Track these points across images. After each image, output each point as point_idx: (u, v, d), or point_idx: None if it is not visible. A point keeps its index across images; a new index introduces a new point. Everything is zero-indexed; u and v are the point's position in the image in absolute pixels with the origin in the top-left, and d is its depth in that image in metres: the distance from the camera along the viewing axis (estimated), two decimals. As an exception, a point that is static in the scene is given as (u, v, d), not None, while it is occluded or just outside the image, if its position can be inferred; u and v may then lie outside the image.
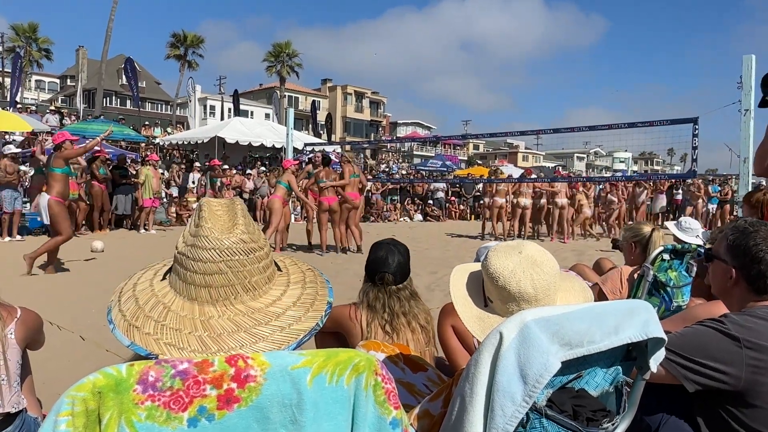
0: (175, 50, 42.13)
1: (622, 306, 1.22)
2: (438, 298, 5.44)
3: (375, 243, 2.22)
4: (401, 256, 2.16)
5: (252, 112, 46.70)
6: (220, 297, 1.02)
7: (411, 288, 2.19)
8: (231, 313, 1.02)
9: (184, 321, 1.01)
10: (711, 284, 1.77)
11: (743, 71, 7.96)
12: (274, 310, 1.04)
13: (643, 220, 3.73)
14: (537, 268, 1.36)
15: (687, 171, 10.63)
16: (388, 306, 2.09)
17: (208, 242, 1.01)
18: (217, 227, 1.03)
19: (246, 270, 1.03)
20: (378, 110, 62.79)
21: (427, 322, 2.16)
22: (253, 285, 1.04)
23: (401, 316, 2.08)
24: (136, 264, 5.19)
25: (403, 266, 2.17)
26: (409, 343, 2.05)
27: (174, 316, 1.02)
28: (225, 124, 21.12)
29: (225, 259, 1.01)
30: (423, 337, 2.11)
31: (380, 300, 2.10)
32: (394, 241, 2.23)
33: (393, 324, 2.06)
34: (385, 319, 2.06)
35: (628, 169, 55.00)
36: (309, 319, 1.04)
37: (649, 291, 2.85)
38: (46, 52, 43.16)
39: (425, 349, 2.11)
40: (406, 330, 2.07)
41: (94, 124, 18.26)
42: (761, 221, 1.70)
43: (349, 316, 2.12)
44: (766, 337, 1.49)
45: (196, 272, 1.02)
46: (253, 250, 1.04)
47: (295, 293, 1.09)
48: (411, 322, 2.09)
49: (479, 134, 27.48)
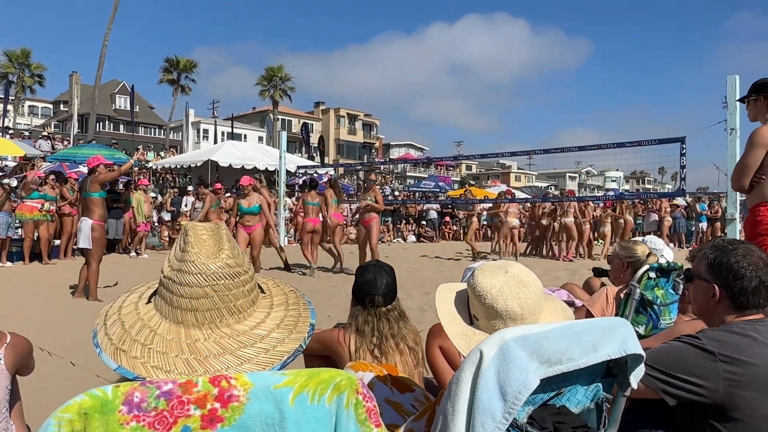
0: (169, 75, 42.40)
1: (601, 324, 1.25)
2: (430, 319, 5.43)
3: (361, 266, 2.24)
4: (389, 277, 2.19)
5: (245, 136, 46.91)
6: (206, 320, 1.04)
7: (399, 308, 2.21)
8: (217, 336, 1.04)
9: (170, 344, 1.02)
10: (692, 304, 1.80)
11: (728, 91, 8.10)
12: (259, 332, 1.06)
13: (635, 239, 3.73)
14: (523, 288, 1.38)
15: (676, 189, 10.74)
16: (377, 329, 2.09)
17: (194, 267, 1.03)
18: (202, 252, 1.05)
19: (231, 294, 1.05)
20: (371, 132, 63.17)
21: (415, 344, 2.16)
22: (238, 308, 1.06)
23: (390, 339, 2.09)
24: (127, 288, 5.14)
25: (392, 287, 2.19)
26: (398, 365, 2.06)
27: (160, 339, 1.03)
28: (218, 148, 21.18)
29: (211, 284, 1.03)
30: (411, 359, 2.12)
31: (369, 323, 2.10)
32: (379, 262, 2.25)
33: (382, 348, 2.07)
34: (373, 344, 2.07)
35: (620, 187, 55.44)
36: (292, 341, 1.06)
37: (636, 309, 2.87)
38: (39, 78, 43.26)
39: (414, 371, 2.12)
40: (394, 353, 2.08)
41: (84, 149, 18.30)
42: (738, 240, 1.75)
43: (338, 340, 2.12)
44: (741, 350, 1.52)
45: (182, 296, 1.04)
46: (238, 274, 1.06)
47: (279, 315, 1.11)
48: (399, 344, 2.10)
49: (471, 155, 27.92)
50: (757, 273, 1.60)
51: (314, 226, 9.45)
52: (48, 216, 10.43)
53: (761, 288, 1.61)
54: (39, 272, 9.17)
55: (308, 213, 9.48)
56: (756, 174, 3.28)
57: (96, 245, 6.61)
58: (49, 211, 10.43)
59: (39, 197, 10.36)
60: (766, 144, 3.21)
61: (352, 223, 17.86)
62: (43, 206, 10.33)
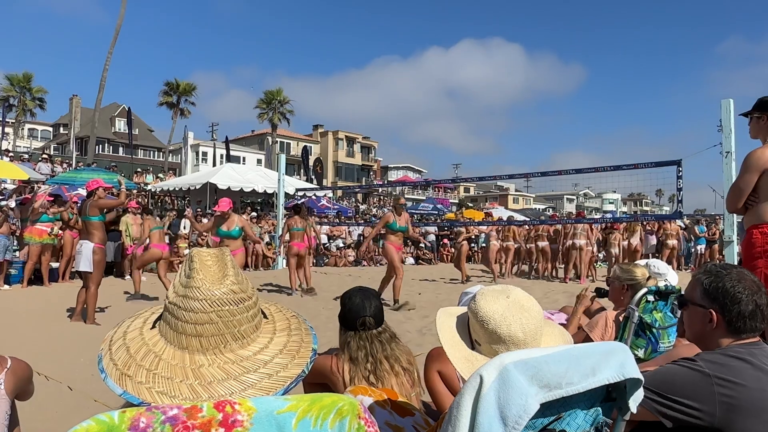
0: (168, 98, 42.71)
1: (599, 348, 1.26)
2: (430, 343, 5.41)
3: (346, 292, 2.26)
4: (376, 300, 2.22)
5: (244, 158, 47.12)
6: (211, 346, 1.06)
7: (390, 330, 2.23)
8: (221, 362, 1.05)
9: (175, 369, 1.03)
10: (687, 330, 1.79)
11: (722, 115, 8.20)
12: (262, 357, 1.07)
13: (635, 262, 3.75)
14: (525, 313, 1.40)
15: (674, 212, 10.79)
16: (371, 354, 2.10)
17: (200, 293, 1.05)
18: (208, 278, 1.07)
19: (236, 319, 1.07)
20: (369, 155, 63.49)
21: (409, 363, 2.17)
22: (242, 333, 1.08)
23: (384, 362, 2.10)
24: (124, 312, 5.16)
25: (380, 308, 2.22)
26: (395, 388, 2.06)
27: (165, 364, 1.05)
28: (217, 170, 21.26)
29: (216, 309, 1.05)
30: (407, 380, 2.12)
31: (363, 349, 2.10)
32: (362, 287, 2.27)
33: (377, 373, 2.07)
34: (368, 370, 2.07)
35: (618, 210, 55.53)
36: (295, 366, 1.07)
37: (635, 332, 2.88)
38: (40, 101, 43.59)
39: (410, 391, 2.12)
40: (390, 376, 2.08)
41: (84, 173, 18.35)
42: (730, 264, 1.77)
43: (331, 369, 2.12)
44: (737, 374, 1.52)
45: (187, 322, 1.06)
46: (243, 299, 1.08)
47: (282, 341, 1.12)
48: (394, 366, 2.11)
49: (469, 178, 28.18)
50: (753, 297, 1.61)
51: (299, 250, 9.90)
52: (56, 240, 10.41)
53: (757, 312, 1.61)
54: (37, 295, 9.13)
55: (294, 238, 9.95)
56: (750, 197, 3.31)
57: (97, 268, 6.62)
58: (57, 235, 10.40)
59: (48, 221, 10.33)
60: (759, 168, 3.24)
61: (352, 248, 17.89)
62: (53, 230, 10.31)
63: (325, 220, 19.64)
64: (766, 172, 3.21)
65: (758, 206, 3.27)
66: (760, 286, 1.65)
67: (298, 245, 9.88)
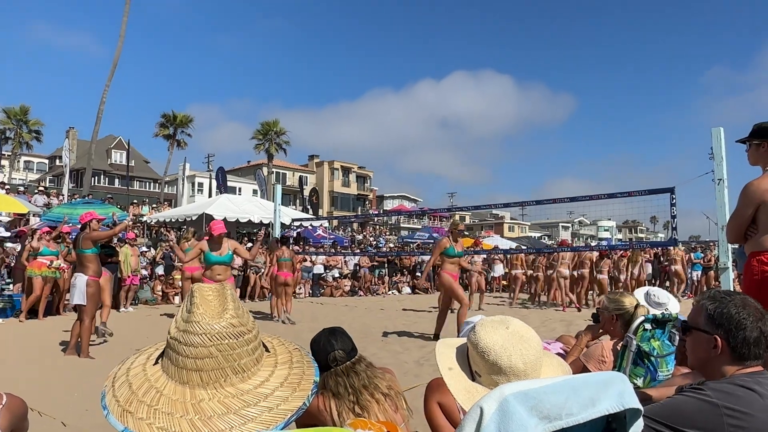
0: (165, 130, 42.99)
1: (598, 378, 1.27)
2: (428, 373, 5.37)
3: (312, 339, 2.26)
4: (342, 334, 2.22)
5: (240, 189, 47.21)
6: (211, 380, 1.06)
7: (365, 360, 2.23)
8: (221, 396, 1.05)
9: (175, 405, 1.04)
10: (690, 356, 1.78)
11: (713, 143, 8.28)
12: (263, 390, 1.08)
13: (625, 291, 3.75)
14: (525, 344, 1.41)
15: (668, 239, 10.82)
16: (350, 386, 2.10)
17: (200, 327, 1.06)
18: (207, 312, 1.08)
19: (235, 353, 1.07)
20: (365, 184, 63.77)
21: (389, 389, 2.16)
22: (243, 367, 1.08)
23: (364, 391, 2.10)
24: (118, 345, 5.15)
25: (348, 341, 2.22)
26: (378, 415, 2.05)
27: (166, 399, 1.05)
28: (213, 201, 21.26)
29: (215, 343, 1.05)
30: (390, 405, 2.11)
31: (341, 383, 2.11)
32: (327, 328, 2.28)
33: (360, 403, 2.07)
34: (352, 401, 2.07)
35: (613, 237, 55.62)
36: (296, 398, 1.08)
37: (633, 361, 2.87)
38: (37, 134, 43.80)
39: (395, 415, 2.10)
40: (372, 403, 2.08)
41: (79, 207, 18.34)
42: (733, 291, 1.77)
43: (318, 408, 2.11)
44: (745, 403, 1.52)
45: (187, 356, 1.06)
46: (242, 333, 1.08)
47: (283, 373, 1.12)
48: (374, 394, 2.10)
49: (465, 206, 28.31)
50: (757, 323, 1.61)
51: (286, 279, 10.48)
52: (57, 273, 10.34)
53: (761, 338, 1.61)
54: (32, 329, 9.04)
55: (281, 267, 10.53)
56: (749, 228, 3.33)
57: (91, 301, 6.57)
58: (59, 268, 10.33)
59: (49, 253, 10.29)
60: (755, 201, 3.25)
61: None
62: (52, 263, 10.26)
63: (321, 250, 19.61)
64: (764, 204, 3.21)
65: (757, 236, 3.29)
66: (764, 313, 1.65)
67: (285, 275, 10.44)
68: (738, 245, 3.81)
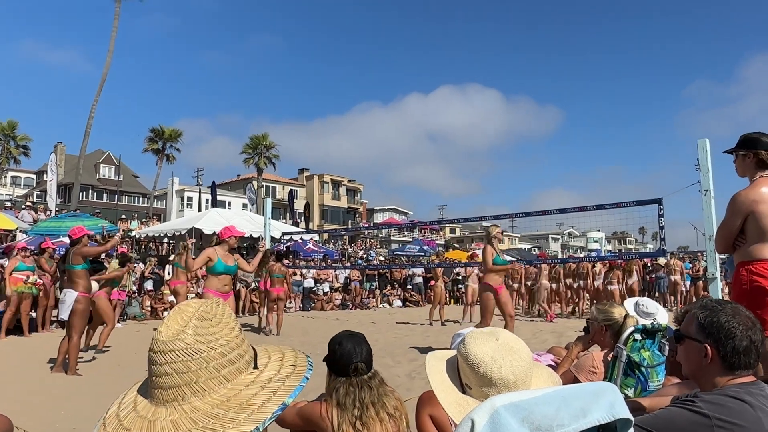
0: (154, 144, 42.86)
1: (588, 388, 1.27)
2: (419, 386, 5.35)
3: (334, 337, 2.23)
4: (366, 344, 2.20)
5: (230, 203, 47.04)
6: (170, 398, 1.06)
7: (379, 375, 2.21)
8: (177, 414, 1.04)
9: (136, 421, 1.05)
10: (683, 365, 1.79)
11: (700, 154, 8.38)
12: (217, 411, 1.04)
13: (614, 302, 3.78)
14: (515, 355, 1.41)
15: (657, 249, 10.90)
16: (358, 399, 2.08)
17: (156, 345, 1.07)
18: (169, 330, 1.08)
19: (191, 372, 1.05)
20: (355, 197, 63.77)
21: (396, 410, 2.14)
22: (202, 387, 1.06)
23: (371, 407, 2.07)
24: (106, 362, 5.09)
25: (371, 353, 2.21)
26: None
27: (134, 416, 1.06)
28: (202, 215, 21.16)
29: (169, 362, 1.05)
30: (392, 427, 2.10)
31: (351, 395, 2.08)
32: (351, 332, 2.26)
33: (363, 419, 2.05)
34: (355, 416, 2.05)
35: (602, 248, 55.93)
36: (249, 422, 1.03)
37: (624, 371, 2.88)
38: (25, 149, 43.51)
39: None
40: (375, 422, 2.05)
41: (67, 221, 18.18)
42: (725, 300, 1.79)
43: (320, 415, 2.10)
44: (736, 414, 1.52)
45: (151, 374, 1.08)
46: (198, 351, 1.06)
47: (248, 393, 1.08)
48: (380, 412, 2.08)
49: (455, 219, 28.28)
50: (747, 332, 1.62)
51: (278, 294, 10.73)
52: (34, 289, 10.23)
53: (752, 347, 1.62)
54: (17, 346, 8.91)
55: (273, 283, 10.75)
56: (738, 238, 3.36)
57: (80, 318, 6.49)
58: (36, 284, 10.22)
59: (25, 269, 10.17)
60: (743, 212, 3.29)
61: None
62: (29, 278, 10.14)
63: (311, 264, 19.53)
64: (752, 214, 3.24)
65: (746, 246, 3.32)
66: (755, 322, 1.66)
67: (277, 290, 10.69)
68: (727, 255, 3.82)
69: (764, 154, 3.34)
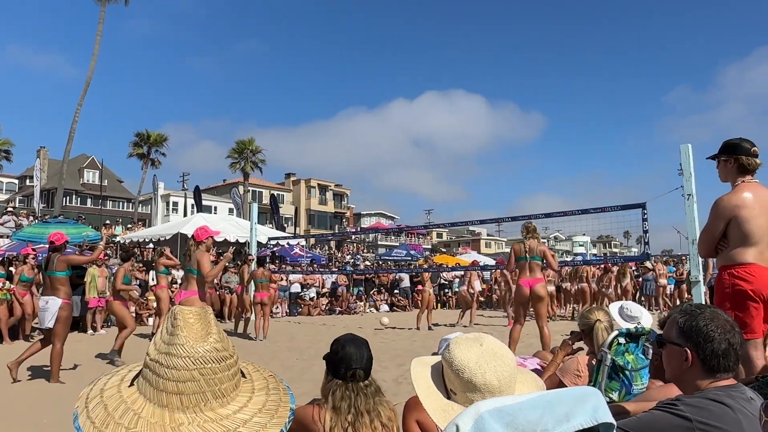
0: (139, 149, 42.55)
1: (572, 393, 1.28)
2: (406, 392, 5.34)
3: (337, 339, 2.22)
4: (368, 351, 2.18)
5: (215, 208, 46.80)
6: (191, 404, 1.05)
7: (376, 383, 2.20)
8: (201, 420, 1.04)
9: (154, 428, 1.02)
10: (666, 369, 1.81)
11: (682, 159, 8.48)
12: (242, 416, 1.07)
13: (596, 306, 3.85)
14: (499, 360, 1.42)
15: (641, 253, 11.01)
16: (354, 405, 2.06)
17: (183, 350, 1.05)
18: (191, 336, 1.07)
19: (217, 377, 1.06)
20: (342, 202, 63.71)
21: (389, 420, 2.13)
22: (223, 392, 1.07)
23: (365, 415, 2.06)
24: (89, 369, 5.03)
25: (371, 360, 2.18)
26: None
27: (144, 422, 1.03)
28: (188, 221, 21.01)
29: (198, 367, 1.05)
30: None
31: (347, 399, 2.07)
32: (354, 335, 2.24)
33: (356, 426, 2.04)
34: (348, 422, 2.04)
35: (588, 252, 56.38)
36: (274, 425, 1.07)
37: (608, 375, 2.90)
38: (6, 154, 42.98)
39: None
40: (367, 430, 2.05)
41: (51, 227, 18.00)
42: (705, 304, 1.81)
43: (312, 419, 2.08)
44: (718, 418, 1.54)
45: (168, 379, 1.05)
46: (225, 358, 1.08)
47: (261, 399, 1.12)
48: (374, 421, 2.07)
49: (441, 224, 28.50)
50: (725, 336, 1.64)
51: (261, 299, 10.89)
52: (7, 295, 10.11)
53: (730, 350, 1.64)
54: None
55: (258, 288, 10.93)
56: (720, 242, 3.41)
57: (63, 325, 6.42)
58: (9, 290, 10.12)
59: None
60: (725, 216, 3.34)
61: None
62: (4, 284, 10.02)
63: (298, 269, 19.47)
64: (734, 219, 3.29)
65: (728, 250, 3.36)
66: (733, 325, 1.68)
67: (261, 295, 10.85)
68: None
69: (745, 159, 3.40)
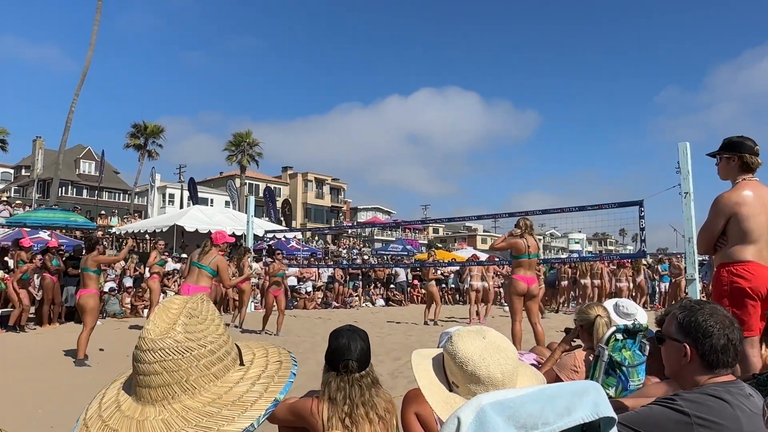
0: (135, 140, 42.31)
1: (573, 387, 1.28)
2: (402, 386, 5.36)
3: (334, 330, 2.21)
4: (363, 342, 2.16)
5: (212, 200, 46.70)
6: (159, 397, 1.04)
7: (372, 375, 2.19)
8: (167, 413, 1.02)
9: (123, 421, 1.02)
10: (665, 365, 1.81)
11: (680, 157, 8.49)
12: (210, 409, 1.03)
13: (594, 302, 3.85)
14: (502, 353, 1.42)
15: (638, 251, 11.03)
16: (349, 397, 2.06)
17: (144, 344, 1.04)
18: (157, 328, 1.05)
19: (182, 370, 1.04)
20: (338, 196, 63.63)
21: (386, 411, 2.12)
22: (192, 385, 1.04)
23: (360, 407, 2.06)
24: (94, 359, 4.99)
25: (366, 352, 2.17)
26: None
27: (119, 416, 1.03)
28: (184, 213, 20.97)
29: (158, 360, 1.03)
30: (381, 428, 2.09)
31: (342, 391, 2.07)
32: (353, 327, 2.23)
33: (352, 417, 2.03)
34: (345, 412, 2.04)
35: (583, 249, 56.46)
36: (244, 419, 1.02)
37: (605, 371, 2.90)
38: (2, 143, 42.76)
39: None
40: (364, 422, 2.04)
41: (39, 212, 18.10)
42: (704, 300, 1.81)
43: (310, 411, 2.08)
44: (717, 413, 1.54)
45: (137, 373, 1.05)
46: (189, 349, 1.04)
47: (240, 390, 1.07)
48: (369, 413, 2.07)
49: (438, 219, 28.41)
50: (724, 331, 1.64)
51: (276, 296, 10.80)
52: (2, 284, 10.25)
53: (729, 346, 1.64)
54: None
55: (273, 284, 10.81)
56: (719, 239, 3.41)
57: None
58: (3, 278, 10.26)
59: None
60: (725, 213, 3.33)
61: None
62: None
63: (294, 262, 19.45)
64: (734, 216, 3.29)
65: (727, 247, 3.36)
66: (732, 321, 1.69)
67: (276, 292, 10.71)
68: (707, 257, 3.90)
69: (748, 157, 3.39)
